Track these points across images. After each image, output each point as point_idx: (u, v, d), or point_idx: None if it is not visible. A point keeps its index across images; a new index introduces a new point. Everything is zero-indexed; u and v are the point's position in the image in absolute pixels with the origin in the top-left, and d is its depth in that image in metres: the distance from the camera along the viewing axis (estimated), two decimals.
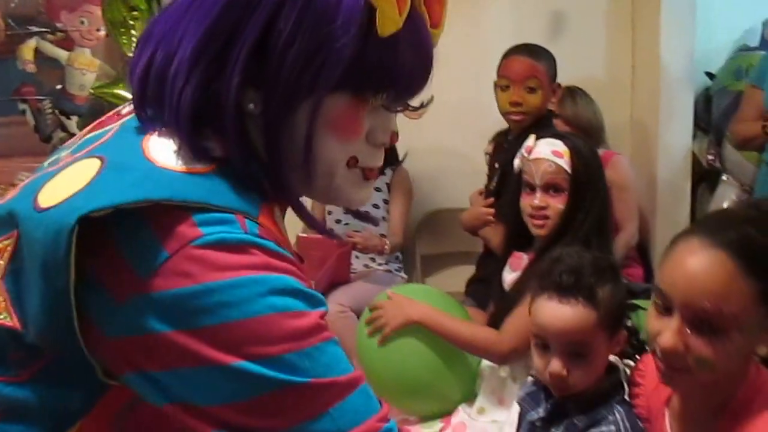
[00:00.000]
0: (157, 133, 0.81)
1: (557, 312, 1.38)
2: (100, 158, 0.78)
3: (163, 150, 0.79)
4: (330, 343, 0.78)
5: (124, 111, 0.89)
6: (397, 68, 0.82)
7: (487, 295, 2.15)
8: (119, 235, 0.74)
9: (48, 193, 0.76)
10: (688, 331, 1.13)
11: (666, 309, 1.16)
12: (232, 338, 0.73)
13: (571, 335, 1.37)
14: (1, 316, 0.78)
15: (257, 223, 0.77)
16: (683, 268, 1.14)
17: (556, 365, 1.37)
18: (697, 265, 1.13)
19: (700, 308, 1.12)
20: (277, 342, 0.74)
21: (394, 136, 0.90)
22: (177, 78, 0.79)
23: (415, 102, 0.89)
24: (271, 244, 0.77)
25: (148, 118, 0.82)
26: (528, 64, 2.57)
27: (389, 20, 0.79)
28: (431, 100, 0.92)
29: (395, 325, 1.96)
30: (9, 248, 0.78)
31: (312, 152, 0.83)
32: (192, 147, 0.79)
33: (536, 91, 2.55)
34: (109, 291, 0.74)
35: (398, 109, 0.88)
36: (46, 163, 0.88)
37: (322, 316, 0.78)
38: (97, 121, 0.92)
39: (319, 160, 0.84)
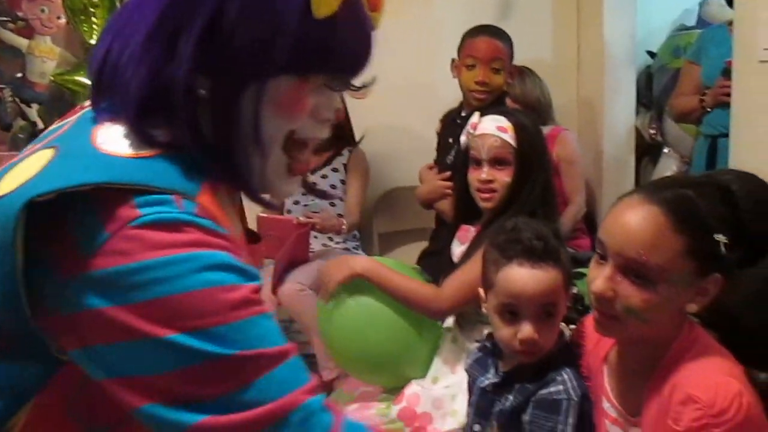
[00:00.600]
0: (109, 121, 0.80)
1: (532, 276, 1.36)
2: (55, 148, 0.79)
3: (110, 137, 0.79)
4: (262, 317, 0.77)
5: (86, 103, 0.88)
6: (337, 49, 0.82)
7: (439, 267, 2.14)
8: (70, 219, 0.75)
9: (6, 183, 0.77)
10: (620, 279, 1.16)
11: (603, 257, 1.19)
12: (164, 312, 0.73)
13: (545, 297, 1.37)
14: None
15: (195, 202, 0.77)
16: (619, 219, 1.18)
17: (528, 330, 1.35)
18: (631, 217, 1.16)
19: (630, 257, 1.15)
20: (208, 315, 0.74)
21: (339, 112, 0.90)
22: (128, 67, 0.79)
23: (357, 82, 0.89)
24: (206, 222, 0.76)
25: (103, 108, 0.82)
26: (494, 45, 2.57)
27: (323, 2, 0.79)
28: (373, 80, 0.91)
29: (340, 278, 1.95)
30: None
31: (261, 134, 0.83)
32: (139, 133, 0.79)
33: (500, 72, 2.56)
34: (58, 271, 0.75)
35: (339, 88, 0.88)
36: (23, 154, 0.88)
37: (256, 290, 0.78)
38: (64, 115, 0.91)
39: (264, 139, 0.84)
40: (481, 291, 1.47)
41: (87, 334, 0.75)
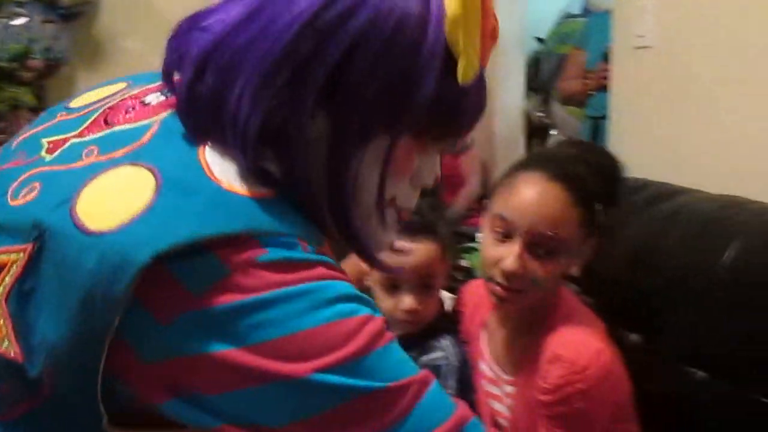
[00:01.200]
0: (210, 144, 0.70)
1: (410, 250, 1.36)
2: (151, 170, 0.66)
3: (224, 168, 0.68)
4: (395, 343, 0.70)
5: (150, 100, 0.77)
6: (464, 113, 0.76)
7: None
8: (172, 255, 0.63)
9: (92, 209, 0.64)
10: (527, 255, 1.19)
11: (506, 236, 1.21)
12: (302, 349, 0.63)
13: (423, 269, 1.37)
14: (3, 345, 0.65)
15: (317, 248, 0.69)
16: (528, 199, 1.20)
17: (409, 301, 1.37)
18: (539, 197, 1.19)
19: (542, 233, 1.18)
20: (352, 347, 0.65)
21: (438, 177, 0.84)
22: (242, 103, 0.69)
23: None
24: (330, 259, 0.69)
25: (198, 129, 0.71)
26: None
27: (471, 68, 0.72)
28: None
29: None
30: (19, 264, 0.64)
31: (384, 191, 0.75)
32: (254, 168, 0.69)
33: None
34: (154, 312, 0.63)
35: (447, 150, 0.83)
36: (45, 141, 0.74)
37: (384, 321, 0.71)
38: (107, 103, 0.78)
39: (381, 198, 0.76)
40: (365, 265, 1.49)
41: (193, 381, 0.64)
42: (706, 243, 1.49)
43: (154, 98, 0.77)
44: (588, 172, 1.22)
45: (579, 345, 1.16)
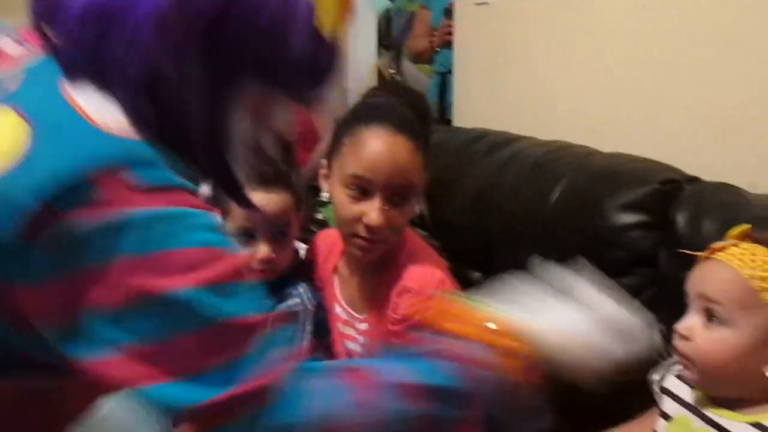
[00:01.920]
0: (85, 89, 0.73)
1: (264, 200, 1.43)
2: (22, 116, 0.69)
3: (101, 111, 0.71)
4: (254, 283, 0.75)
5: (9, 50, 0.79)
6: (324, 68, 0.82)
7: None
8: (56, 195, 0.66)
9: None
10: (387, 207, 1.29)
11: (363, 193, 1.30)
12: (172, 266, 0.68)
13: (277, 218, 1.45)
14: None
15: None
16: (380, 155, 1.29)
17: (264, 250, 1.44)
18: (390, 151, 1.29)
19: (399, 184, 1.29)
20: (218, 270, 0.70)
21: (294, 130, 0.89)
22: (127, 54, 0.72)
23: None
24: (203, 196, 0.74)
25: (76, 73, 0.74)
26: None
27: (331, 18, 0.79)
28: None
29: None
30: None
31: (256, 137, 0.82)
32: (134, 115, 0.73)
33: None
34: (29, 240, 0.65)
35: (306, 102, 0.87)
36: None
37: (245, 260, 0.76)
38: None
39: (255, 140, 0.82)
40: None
41: (66, 302, 0.67)
42: (536, 185, 1.67)
43: (15, 49, 0.80)
44: (416, 116, 1.34)
45: (424, 276, 1.30)
